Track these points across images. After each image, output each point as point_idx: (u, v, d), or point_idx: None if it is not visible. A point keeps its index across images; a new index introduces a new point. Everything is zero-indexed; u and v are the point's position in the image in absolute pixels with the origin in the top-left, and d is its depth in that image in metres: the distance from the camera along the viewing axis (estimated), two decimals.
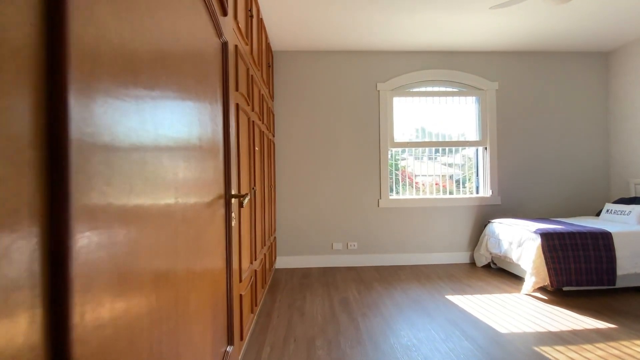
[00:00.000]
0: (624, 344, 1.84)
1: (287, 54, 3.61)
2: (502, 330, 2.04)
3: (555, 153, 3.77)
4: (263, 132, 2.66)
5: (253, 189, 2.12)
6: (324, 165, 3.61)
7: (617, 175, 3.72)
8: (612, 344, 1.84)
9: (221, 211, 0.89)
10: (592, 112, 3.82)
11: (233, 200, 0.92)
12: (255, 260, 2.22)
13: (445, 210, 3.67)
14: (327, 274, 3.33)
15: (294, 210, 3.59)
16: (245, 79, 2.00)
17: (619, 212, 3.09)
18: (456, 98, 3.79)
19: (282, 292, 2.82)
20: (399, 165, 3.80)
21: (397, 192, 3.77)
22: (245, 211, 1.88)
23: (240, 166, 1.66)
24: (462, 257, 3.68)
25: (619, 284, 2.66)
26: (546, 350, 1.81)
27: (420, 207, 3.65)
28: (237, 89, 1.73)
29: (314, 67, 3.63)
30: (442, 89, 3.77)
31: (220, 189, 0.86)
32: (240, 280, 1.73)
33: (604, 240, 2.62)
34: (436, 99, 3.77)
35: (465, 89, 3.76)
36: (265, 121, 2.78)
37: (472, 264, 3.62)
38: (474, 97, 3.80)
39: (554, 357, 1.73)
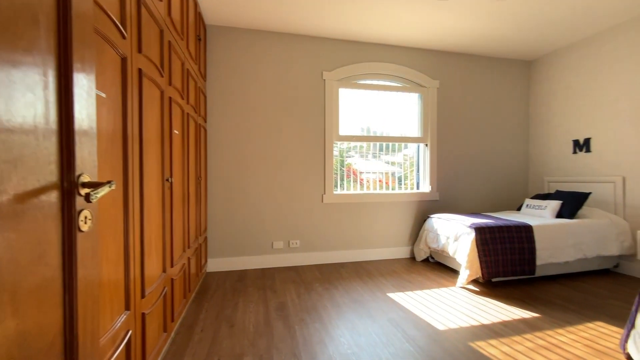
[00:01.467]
0: (548, 333, 1.93)
1: (223, 30, 3.19)
2: (441, 327, 2.00)
3: (485, 152, 4.03)
4: (188, 114, 2.25)
5: (168, 180, 1.73)
6: (264, 156, 3.30)
7: (535, 173, 4.12)
8: (538, 334, 1.92)
9: (53, 209, 0.56)
10: (516, 115, 4.16)
11: (88, 191, 0.59)
12: (173, 266, 1.84)
13: (387, 206, 3.65)
14: (266, 275, 3.04)
15: (229, 206, 3.21)
16: (158, 42, 1.60)
17: (537, 207, 3.39)
18: (400, 94, 3.79)
19: (211, 299, 2.46)
20: (345, 162, 3.67)
21: (343, 188, 3.64)
22: (153, 209, 1.50)
23: (131, 148, 1.28)
24: (403, 252, 3.71)
25: (538, 273, 2.89)
26: (481, 345, 1.80)
27: (364, 202, 3.57)
28: (140, 51, 1.34)
29: (256, 48, 3.28)
30: (387, 83, 3.73)
31: (49, 172, 0.53)
32: (143, 296, 1.36)
33: (526, 232, 2.81)
34: (381, 93, 3.71)
35: (408, 85, 3.78)
36: (191, 102, 2.37)
37: (412, 258, 3.67)
38: (416, 94, 3.85)
39: (489, 352, 1.72)
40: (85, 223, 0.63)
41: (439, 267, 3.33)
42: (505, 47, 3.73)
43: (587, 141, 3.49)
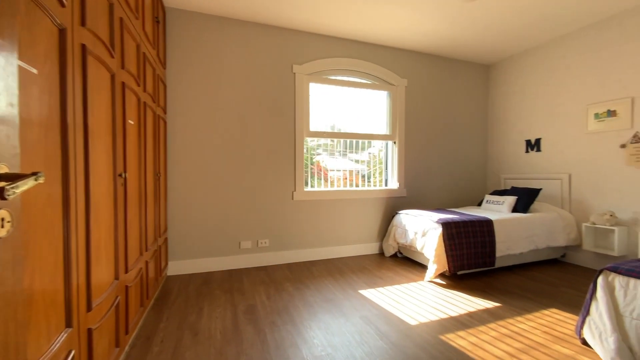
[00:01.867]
0: (510, 321, 2.03)
1: (185, 15, 2.95)
2: (412, 322, 2.02)
3: (449, 150, 4.19)
4: (145, 103, 2.04)
5: (121, 175, 1.53)
6: (231, 151, 3.12)
7: (492, 171, 4.38)
8: (501, 322, 2.01)
9: None
10: (476, 116, 4.38)
11: (3, 185, 0.45)
12: (128, 272, 1.64)
13: (357, 203, 3.66)
14: (233, 277, 2.89)
15: (191, 204, 2.99)
16: (107, 17, 1.40)
17: (495, 202, 3.59)
18: (369, 91, 3.80)
19: (173, 305, 2.27)
20: (314, 160, 3.60)
21: (312, 186, 3.57)
22: (102, 208, 1.32)
23: (73, 138, 1.10)
24: (372, 248, 3.75)
25: (497, 264, 3.06)
26: (451, 337, 1.84)
27: (335, 199, 3.54)
28: (83, 23, 1.16)
29: (222, 36, 3.07)
30: (357, 80, 3.72)
31: None
32: (90, 309, 1.18)
33: (487, 227, 2.96)
34: (351, 90, 3.70)
35: (378, 83, 3.80)
36: (149, 90, 2.15)
37: (382, 254, 3.72)
38: (385, 92, 3.89)
39: (458, 344, 1.76)
40: (3, 227, 0.49)
41: (407, 262, 3.40)
42: (467, 50, 3.90)
43: (537, 141, 3.77)
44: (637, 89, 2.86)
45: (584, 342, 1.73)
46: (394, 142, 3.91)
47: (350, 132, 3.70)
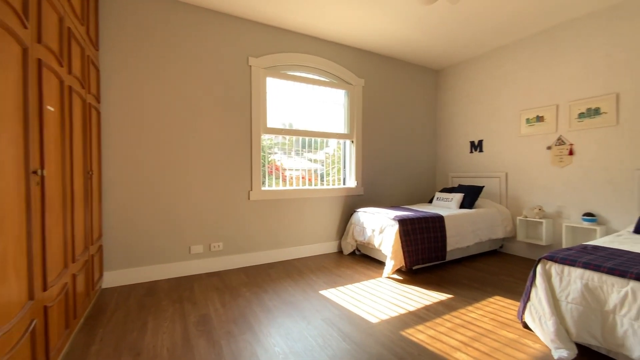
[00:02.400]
0: (462, 311, 2.14)
1: None
2: (374, 320, 2.02)
3: (403, 150, 4.36)
4: (71, 87, 1.73)
5: (36, 173, 1.26)
6: (180, 148, 2.84)
7: (441, 169, 4.67)
8: (454, 313, 2.11)
9: None
10: (427, 118, 4.63)
11: None
12: (47, 289, 1.37)
13: (315, 202, 3.61)
14: (182, 285, 2.63)
15: (133, 206, 2.66)
16: None
17: (445, 199, 3.82)
18: (328, 89, 3.77)
19: (109, 323, 1.97)
20: (269, 159, 3.46)
21: (266, 185, 3.43)
22: (8, 213, 1.06)
23: None
24: (331, 247, 3.73)
25: (447, 258, 3.24)
26: (411, 332, 1.87)
27: (293, 198, 3.44)
28: None
29: (172, 20, 2.78)
30: (316, 77, 3.67)
31: None
32: None
33: (439, 222, 3.12)
34: (309, 87, 3.63)
35: (336, 81, 3.79)
36: (76, 72, 1.83)
37: (340, 252, 3.72)
38: (343, 91, 3.90)
39: (418, 339, 1.80)
40: None
41: (365, 259, 3.45)
42: (420, 55, 4.09)
43: (480, 142, 4.10)
44: (561, 98, 3.25)
45: (525, 326, 1.89)
46: (352, 141, 3.94)
47: (308, 130, 3.63)
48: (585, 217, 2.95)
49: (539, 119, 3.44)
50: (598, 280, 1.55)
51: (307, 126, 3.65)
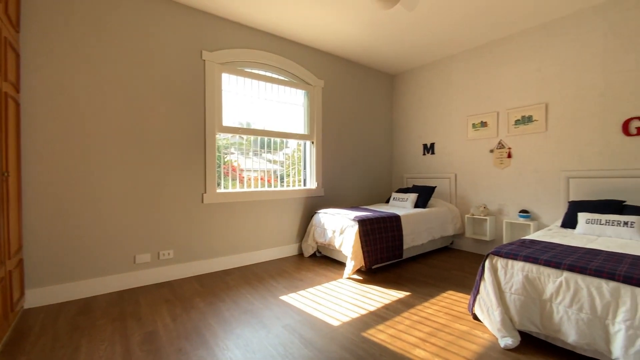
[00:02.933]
0: (419, 308, 2.21)
1: None
2: (335, 323, 2.00)
3: (361, 151, 4.46)
4: None
5: None
6: (121, 147, 2.56)
7: (397, 171, 4.86)
8: (412, 310, 2.17)
9: None
10: (384, 120, 4.79)
11: None
12: None
13: (275, 204, 3.51)
14: (126, 300, 2.36)
15: (63, 213, 2.32)
16: None
17: (401, 199, 3.97)
18: (287, 88, 3.70)
19: (33, 350, 1.68)
20: (225, 160, 3.28)
21: (225, 187, 3.25)
22: None
23: None
24: (292, 250, 3.66)
25: (404, 256, 3.36)
26: (372, 333, 1.88)
27: (251, 200, 3.31)
28: None
29: (113, 3, 2.48)
30: (275, 75, 3.58)
31: None
32: None
33: (396, 222, 3.22)
34: (268, 85, 3.53)
35: (295, 81, 3.73)
36: None
37: (301, 255, 3.66)
38: (303, 91, 3.85)
39: (379, 338, 1.81)
40: None
41: (326, 260, 3.43)
42: (377, 59, 4.20)
43: (432, 145, 4.35)
44: (501, 105, 3.57)
45: (475, 318, 2.02)
46: (312, 142, 3.92)
47: (267, 130, 3.52)
48: (521, 214, 3.26)
49: (483, 124, 3.74)
50: (536, 272, 1.70)
51: (266, 126, 3.53)
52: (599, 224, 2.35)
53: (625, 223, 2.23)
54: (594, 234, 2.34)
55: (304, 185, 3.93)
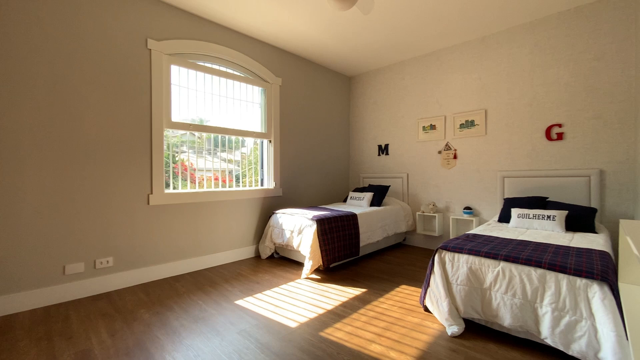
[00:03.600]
0: (375, 303, 2.28)
1: None
2: (293, 325, 1.97)
3: (319, 151, 4.48)
4: None
5: None
6: (51, 142, 2.23)
7: (354, 170, 4.98)
8: (368, 306, 2.23)
9: None
10: (341, 121, 4.87)
11: None
12: None
13: (230, 205, 3.36)
14: (53, 316, 2.07)
15: None
16: None
17: (357, 198, 4.07)
18: (243, 85, 3.57)
19: None
20: (176, 159, 3.06)
21: (175, 187, 3.03)
22: None
23: None
24: (248, 252, 3.53)
25: (360, 253, 3.45)
26: (330, 332, 1.88)
27: (204, 202, 3.12)
28: None
29: None
30: (231, 71, 3.43)
31: None
32: None
33: (353, 220, 3.29)
34: (223, 80, 3.37)
35: (252, 77, 3.62)
36: None
37: (258, 257, 3.56)
38: (260, 88, 3.75)
39: (337, 337, 1.82)
40: None
41: (284, 262, 3.38)
42: (335, 60, 4.26)
43: (386, 146, 4.53)
44: (448, 110, 3.84)
45: (426, 309, 2.13)
46: (270, 141, 3.83)
47: (222, 127, 3.36)
48: (465, 211, 3.54)
49: (432, 127, 3.99)
50: (478, 263, 1.84)
51: (221, 123, 3.37)
52: (528, 218, 2.64)
53: (549, 217, 2.54)
54: (524, 227, 2.62)
55: (262, 185, 3.82)
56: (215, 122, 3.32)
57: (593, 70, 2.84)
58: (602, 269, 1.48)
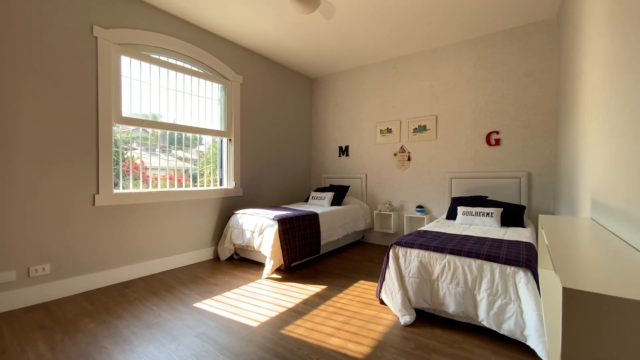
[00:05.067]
0: (334, 299, 2.36)
1: None
2: (254, 324, 1.97)
3: (281, 151, 4.48)
4: None
5: None
6: None
7: (315, 171, 5.06)
8: (328, 302, 2.30)
9: None
10: (303, 122, 4.92)
11: None
12: None
13: (187, 205, 3.23)
14: None
15: None
16: None
17: (319, 198, 4.16)
18: (202, 81, 3.45)
19: None
20: (125, 156, 2.87)
21: (125, 187, 2.83)
22: None
23: None
24: (206, 254, 3.42)
25: (321, 251, 3.53)
26: (290, 329, 1.92)
27: (157, 202, 2.96)
28: None
29: None
30: (188, 66, 3.29)
31: None
32: None
33: (314, 219, 3.35)
34: (180, 75, 3.22)
35: (211, 74, 3.51)
36: None
37: (217, 258, 3.46)
38: (219, 85, 3.65)
39: (297, 333, 1.86)
40: None
41: (244, 263, 3.34)
42: (298, 62, 4.30)
43: (347, 147, 4.68)
44: (403, 114, 4.09)
45: (382, 302, 2.27)
46: (229, 140, 3.75)
47: (178, 124, 3.21)
48: (417, 209, 3.81)
49: (389, 130, 4.22)
50: (428, 257, 2.01)
51: (176, 119, 3.22)
52: (471, 215, 2.93)
53: (488, 214, 2.85)
54: (468, 223, 2.90)
55: (220, 185, 3.72)
56: (170, 118, 3.16)
57: (523, 85, 3.24)
58: (527, 258, 1.72)
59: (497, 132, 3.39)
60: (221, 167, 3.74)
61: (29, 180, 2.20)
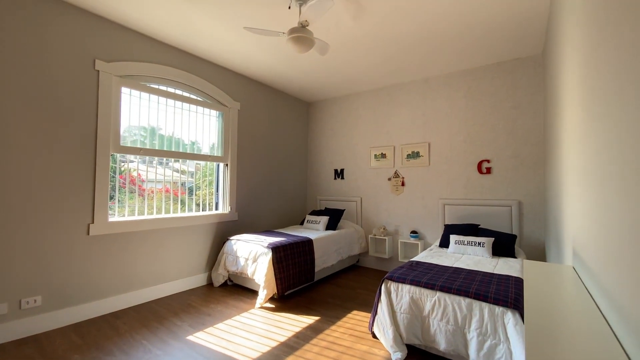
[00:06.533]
0: (327, 332, 2.35)
1: None
2: None
3: (277, 174, 4.54)
4: None
5: None
6: None
7: (311, 193, 5.10)
8: (320, 336, 2.30)
9: None
10: (299, 145, 5.00)
11: None
12: None
13: (182, 231, 3.24)
14: None
15: None
16: None
17: (314, 222, 4.18)
18: (200, 108, 3.54)
19: None
20: (122, 169, 2.89)
21: (120, 212, 2.85)
22: None
23: None
24: (200, 280, 3.40)
25: (315, 278, 3.52)
26: None
27: (152, 229, 2.98)
28: None
29: None
30: (188, 94, 3.38)
31: None
32: None
33: (308, 246, 3.37)
34: (178, 104, 3.30)
35: (210, 101, 3.60)
36: None
37: (211, 284, 3.44)
38: (217, 112, 3.74)
39: None
40: None
41: (237, 289, 3.32)
42: (293, 87, 4.42)
43: (342, 171, 4.75)
44: (397, 141, 4.18)
45: (374, 336, 2.26)
46: (226, 165, 3.80)
47: (175, 151, 3.26)
48: (412, 234, 3.84)
49: (383, 155, 4.30)
50: (419, 293, 2.03)
51: (172, 145, 3.27)
52: (463, 244, 2.96)
53: (479, 243, 2.88)
54: (460, 252, 2.93)
55: (216, 209, 3.75)
56: (167, 141, 3.22)
57: (512, 116, 3.35)
58: (515, 297, 1.75)
59: (488, 161, 3.48)
60: (217, 191, 3.78)
61: (22, 210, 2.22)
